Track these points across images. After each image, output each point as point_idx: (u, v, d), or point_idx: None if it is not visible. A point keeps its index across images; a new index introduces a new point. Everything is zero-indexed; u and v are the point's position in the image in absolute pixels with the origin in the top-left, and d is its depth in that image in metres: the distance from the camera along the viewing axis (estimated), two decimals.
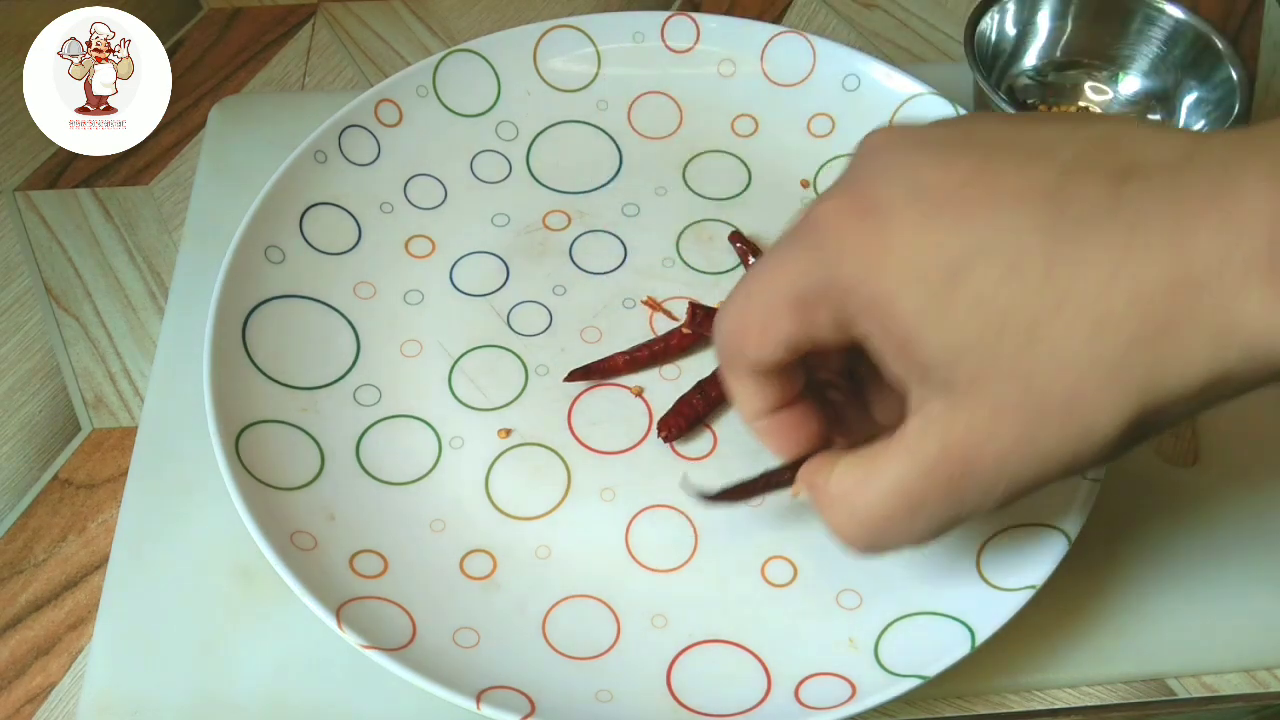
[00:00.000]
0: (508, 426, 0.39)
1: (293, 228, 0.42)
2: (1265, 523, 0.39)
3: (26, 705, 0.35)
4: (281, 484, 0.36)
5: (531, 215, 0.45)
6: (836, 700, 0.32)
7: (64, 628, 0.37)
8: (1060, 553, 0.34)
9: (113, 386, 0.43)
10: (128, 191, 0.49)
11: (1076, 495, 0.35)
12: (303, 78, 0.54)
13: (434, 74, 0.46)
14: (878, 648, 0.33)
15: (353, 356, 0.40)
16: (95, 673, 0.35)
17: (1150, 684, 0.36)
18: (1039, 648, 0.36)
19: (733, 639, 0.34)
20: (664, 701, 0.33)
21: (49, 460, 0.41)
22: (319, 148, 0.43)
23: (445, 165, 0.46)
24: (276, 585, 0.33)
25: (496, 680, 0.32)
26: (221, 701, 0.34)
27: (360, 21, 0.56)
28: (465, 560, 0.36)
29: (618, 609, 0.35)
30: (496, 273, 0.43)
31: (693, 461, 0.38)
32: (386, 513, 0.37)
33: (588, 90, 0.48)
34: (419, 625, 0.33)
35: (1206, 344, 0.23)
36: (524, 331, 0.42)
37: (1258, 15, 0.58)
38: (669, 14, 0.48)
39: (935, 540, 0.30)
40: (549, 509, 0.37)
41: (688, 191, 0.46)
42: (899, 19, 0.58)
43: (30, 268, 0.46)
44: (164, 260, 0.46)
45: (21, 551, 0.39)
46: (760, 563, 0.36)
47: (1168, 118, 0.49)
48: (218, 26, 0.56)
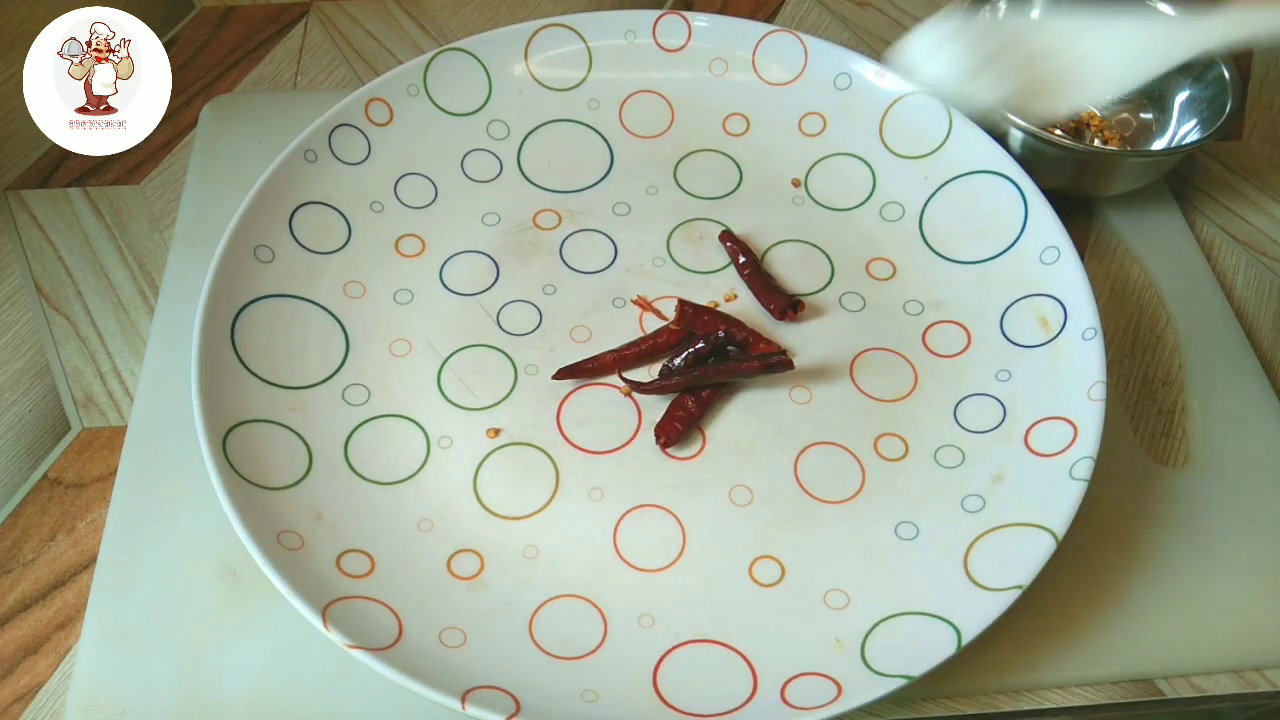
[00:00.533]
0: (496, 426, 0.39)
1: (282, 227, 0.42)
2: (1254, 524, 0.39)
3: (14, 705, 0.35)
4: (269, 483, 0.36)
5: (522, 214, 0.45)
6: (822, 700, 0.32)
7: (52, 627, 0.37)
8: (1048, 552, 0.34)
9: (102, 386, 0.43)
10: (119, 190, 0.49)
11: (1064, 495, 0.35)
12: (295, 76, 0.54)
13: (425, 73, 0.46)
14: (864, 648, 0.33)
15: (342, 356, 0.40)
16: (83, 672, 0.35)
17: (1139, 684, 0.36)
18: (1027, 648, 0.36)
19: (719, 639, 0.34)
20: (650, 701, 0.33)
21: (38, 459, 0.41)
22: (309, 147, 0.43)
23: (436, 164, 0.46)
24: (263, 585, 0.33)
25: (482, 680, 0.32)
26: (208, 700, 0.34)
27: (352, 20, 0.56)
28: (453, 560, 0.36)
29: (605, 609, 0.35)
30: (486, 272, 0.43)
31: (682, 461, 0.38)
32: (374, 512, 0.37)
33: (579, 89, 0.48)
34: (405, 625, 0.33)
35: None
36: (513, 331, 0.42)
37: None
38: (660, 13, 0.48)
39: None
40: (537, 509, 0.37)
41: (679, 190, 0.46)
42: (892, 17, 0.58)
43: (21, 266, 0.46)
44: (154, 259, 0.46)
45: (10, 551, 0.39)
46: (748, 562, 0.36)
47: (1160, 116, 0.49)
48: (210, 25, 0.56)
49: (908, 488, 0.38)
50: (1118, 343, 0.44)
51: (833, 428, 0.39)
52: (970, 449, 0.38)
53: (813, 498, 0.38)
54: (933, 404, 0.40)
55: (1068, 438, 0.36)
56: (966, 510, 0.37)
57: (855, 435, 0.39)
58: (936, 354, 0.41)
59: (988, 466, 0.38)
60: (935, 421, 0.39)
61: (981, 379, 0.40)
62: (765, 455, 0.39)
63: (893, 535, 0.37)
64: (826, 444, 0.39)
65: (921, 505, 0.37)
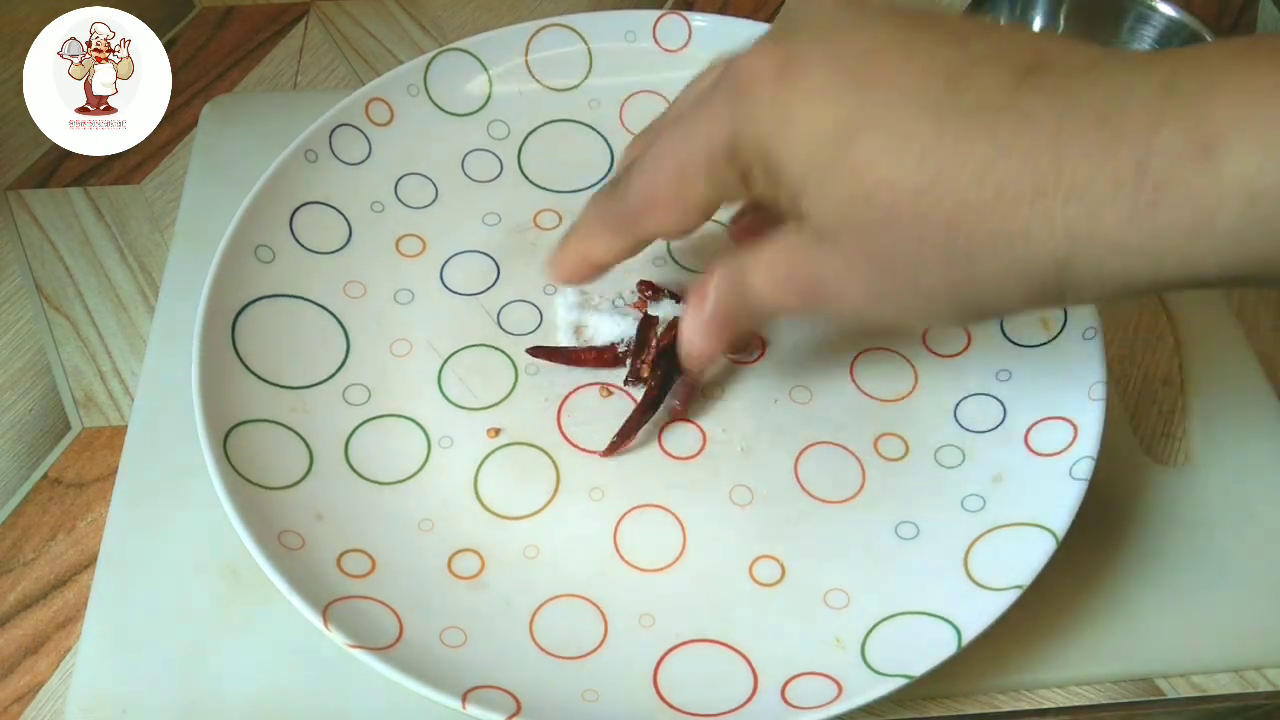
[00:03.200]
0: (497, 426, 0.39)
1: (283, 227, 0.42)
2: (1255, 523, 0.39)
3: (14, 705, 0.35)
4: (269, 483, 0.36)
5: (523, 214, 0.45)
6: (823, 700, 0.32)
7: (52, 627, 0.37)
8: (1048, 552, 0.34)
9: (103, 385, 0.43)
10: (119, 190, 0.49)
11: (1065, 495, 0.35)
12: (295, 76, 0.54)
13: (425, 73, 0.46)
14: (864, 647, 0.33)
15: (342, 356, 0.40)
16: (83, 672, 0.35)
17: (1139, 684, 0.36)
18: (1027, 647, 0.36)
19: (720, 638, 0.34)
20: (650, 701, 0.33)
21: (39, 459, 0.41)
22: (310, 147, 0.43)
23: (436, 164, 0.46)
24: (264, 584, 0.33)
25: (483, 680, 0.32)
26: (208, 700, 0.34)
27: (353, 20, 0.56)
28: (453, 560, 0.36)
29: (605, 608, 0.35)
30: (487, 272, 0.43)
31: (682, 461, 0.38)
32: (375, 512, 0.37)
33: (579, 89, 0.48)
34: (406, 625, 0.33)
35: (1052, 251, 0.24)
36: (514, 331, 0.42)
37: (1252, 14, 0.58)
38: (661, 13, 0.48)
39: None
40: (537, 508, 0.37)
41: None
42: None
43: (21, 266, 0.46)
44: (155, 259, 0.46)
45: (10, 550, 0.39)
46: (748, 562, 0.36)
47: None
48: (210, 25, 0.56)
49: (908, 487, 0.38)
50: (1118, 343, 0.44)
51: (833, 427, 0.39)
52: (970, 449, 0.38)
53: (813, 497, 0.38)
54: (933, 404, 0.40)
55: (1068, 437, 0.36)
56: (966, 510, 0.37)
57: (855, 435, 0.39)
58: (937, 353, 0.41)
59: (988, 466, 0.38)
60: (935, 421, 0.39)
61: (982, 378, 0.40)
62: (765, 455, 0.39)
63: (893, 535, 0.37)
64: (826, 444, 0.39)
65: (921, 505, 0.37)
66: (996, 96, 0.24)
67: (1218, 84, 0.22)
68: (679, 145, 0.28)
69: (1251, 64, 0.22)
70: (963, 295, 0.26)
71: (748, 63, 0.27)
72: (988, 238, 0.24)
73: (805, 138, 0.25)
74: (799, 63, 0.26)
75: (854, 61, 0.25)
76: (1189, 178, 0.22)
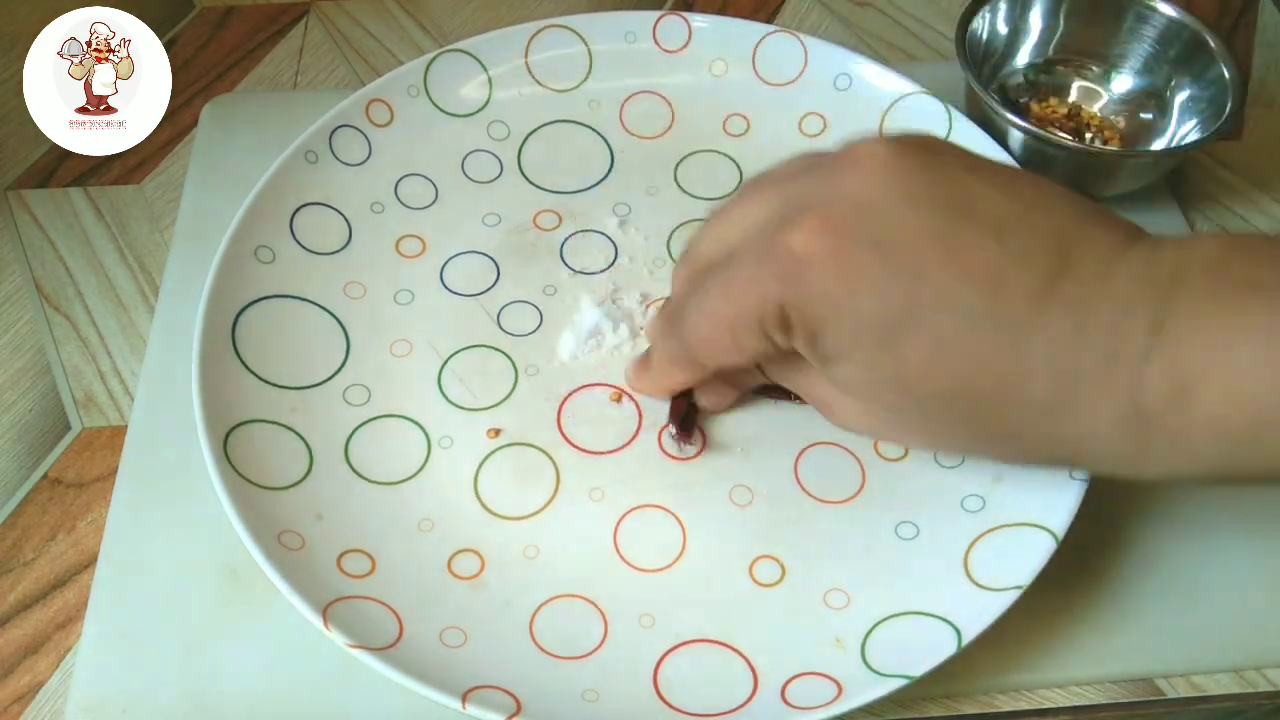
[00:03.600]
0: (497, 426, 0.39)
1: (283, 227, 0.42)
2: (1254, 523, 0.39)
3: (14, 705, 0.35)
4: (270, 483, 0.36)
5: (522, 215, 0.45)
6: (823, 700, 0.32)
7: (52, 627, 0.37)
8: (1048, 552, 0.34)
9: (103, 385, 0.43)
10: (119, 190, 0.49)
11: (1065, 495, 0.35)
12: (295, 76, 0.54)
13: (425, 74, 0.46)
14: (864, 647, 0.33)
15: (342, 356, 0.40)
16: (83, 672, 0.35)
17: (1139, 684, 0.36)
18: (1027, 647, 0.36)
19: (720, 639, 0.34)
20: (650, 701, 0.33)
21: (39, 459, 0.41)
22: (310, 147, 0.43)
23: (436, 165, 0.46)
24: (264, 585, 0.33)
25: (483, 680, 0.32)
26: (208, 700, 0.34)
27: (353, 20, 0.56)
28: (453, 560, 0.36)
29: (605, 609, 0.35)
30: (487, 273, 0.43)
31: (682, 461, 0.38)
32: (375, 512, 0.37)
33: (579, 90, 0.48)
34: (406, 625, 0.33)
35: (1056, 452, 0.30)
36: (514, 331, 0.42)
37: (1252, 15, 0.58)
38: (661, 14, 0.48)
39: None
40: (537, 509, 0.37)
41: (679, 191, 0.46)
42: (892, 17, 0.58)
43: (21, 266, 0.46)
44: (155, 259, 0.46)
45: (10, 550, 0.39)
46: (748, 562, 0.36)
47: (1160, 116, 0.49)
48: (210, 25, 0.56)
49: (908, 488, 0.38)
50: None
51: (832, 428, 0.39)
52: None
53: (813, 498, 0.38)
54: None
55: None
56: (966, 510, 0.37)
57: (855, 435, 0.39)
58: None
59: (988, 466, 0.38)
60: None
61: None
62: (765, 455, 0.39)
63: (893, 535, 0.37)
64: (826, 444, 0.39)
65: (921, 505, 0.37)
66: (1025, 311, 0.27)
67: (1200, 326, 0.26)
68: (732, 306, 0.31)
69: (1238, 299, 0.26)
70: (979, 453, 0.35)
71: (803, 241, 0.29)
72: (1005, 434, 0.30)
73: (853, 329, 0.29)
74: (849, 248, 0.28)
75: (901, 256, 0.28)
76: (1168, 416, 0.26)
